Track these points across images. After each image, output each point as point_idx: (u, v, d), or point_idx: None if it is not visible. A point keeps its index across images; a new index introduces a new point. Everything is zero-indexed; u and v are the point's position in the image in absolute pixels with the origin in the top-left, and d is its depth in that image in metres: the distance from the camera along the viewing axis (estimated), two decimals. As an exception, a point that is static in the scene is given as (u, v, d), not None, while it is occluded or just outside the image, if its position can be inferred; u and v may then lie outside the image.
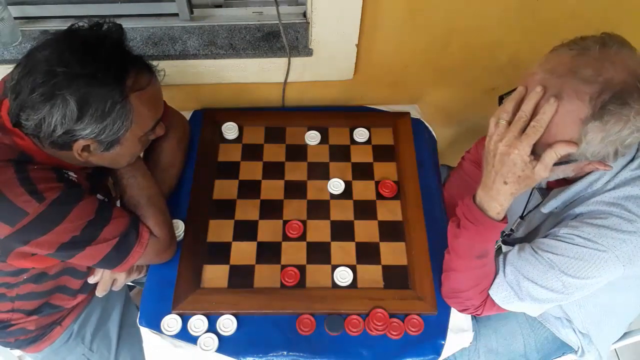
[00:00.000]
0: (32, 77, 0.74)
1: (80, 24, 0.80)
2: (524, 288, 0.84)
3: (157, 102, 0.87)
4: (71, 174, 0.86)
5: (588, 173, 0.82)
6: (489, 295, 0.89)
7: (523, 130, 0.73)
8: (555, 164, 0.74)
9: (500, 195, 0.78)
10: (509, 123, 0.74)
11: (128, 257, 0.90)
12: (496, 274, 0.88)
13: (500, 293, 0.87)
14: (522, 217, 1.04)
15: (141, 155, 1.00)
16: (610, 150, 0.72)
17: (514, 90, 0.77)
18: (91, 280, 1.01)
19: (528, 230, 1.01)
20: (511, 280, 0.85)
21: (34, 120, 0.75)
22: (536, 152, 0.73)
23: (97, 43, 0.77)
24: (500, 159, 0.75)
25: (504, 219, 0.82)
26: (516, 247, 0.88)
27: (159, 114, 0.89)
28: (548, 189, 0.94)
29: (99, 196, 0.90)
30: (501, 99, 0.80)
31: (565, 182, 0.87)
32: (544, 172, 0.73)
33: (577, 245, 0.78)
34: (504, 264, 0.87)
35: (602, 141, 0.70)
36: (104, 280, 1.00)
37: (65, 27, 0.80)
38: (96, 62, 0.75)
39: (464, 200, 0.85)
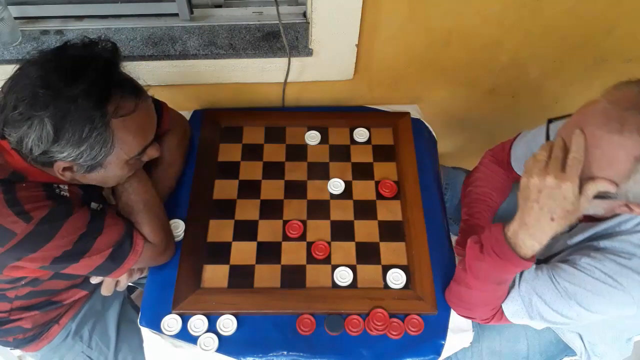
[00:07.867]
0: (16, 94, 0.73)
1: (74, 41, 0.78)
2: (535, 307, 0.84)
3: (144, 127, 0.84)
4: (63, 186, 0.85)
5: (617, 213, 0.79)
6: (500, 308, 0.88)
7: (563, 165, 0.71)
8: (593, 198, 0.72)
9: (544, 234, 0.75)
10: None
11: (123, 265, 0.89)
12: (511, 287, 0.87)
13: (512, 307, 0.87)
14: None
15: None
16: None
17: (565, 116, 0.74)
18: (93, 280, 1.01)
19: (544, 256, 0.98)
20: (524, 297, 0.85)
21: (14, 137, 0.75)
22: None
23: (84, 64, 0.75)
24: (549, 193, 0.72)
25: (533, 257, 0.79)
26: (533, 265, 0.85)
27: (147, 140, 0.85)
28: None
29: (92, 204, 0.89)
30: (550, 122, 0.78)
31: (590, 218, 0.84)
32: (586, 204, 0.71)
33: (596, 279, 0.77)
34: (520, 280, 0.86)
35: None
36: (107, 281, 1.00)
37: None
38: (78, 85, 0.72)
39: (492, 230, 0.82)
